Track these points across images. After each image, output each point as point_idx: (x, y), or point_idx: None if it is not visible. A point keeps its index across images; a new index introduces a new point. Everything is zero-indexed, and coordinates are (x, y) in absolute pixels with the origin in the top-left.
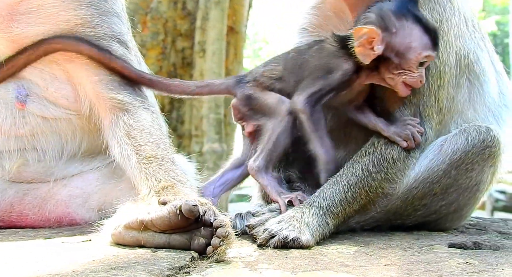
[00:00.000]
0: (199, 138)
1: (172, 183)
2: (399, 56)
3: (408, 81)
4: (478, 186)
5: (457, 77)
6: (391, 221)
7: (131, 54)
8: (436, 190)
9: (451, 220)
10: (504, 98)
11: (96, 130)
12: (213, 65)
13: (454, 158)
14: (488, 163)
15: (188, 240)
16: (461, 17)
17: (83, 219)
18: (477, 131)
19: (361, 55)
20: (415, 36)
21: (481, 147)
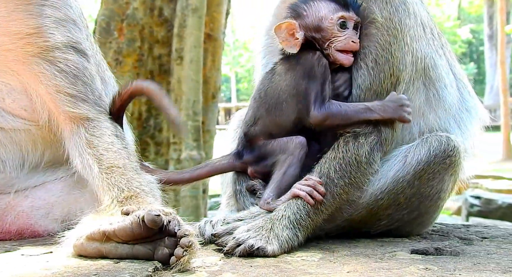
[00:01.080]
0: (177, 145)
1: (136, 192)
2: (318, 30)
3: (339, 47)
4: (439, 194)
5: (413, 78)
6: (356, 229)
7: (89, 62)
8: (400, 200)
9: (412, 227)
10: (465, 103)
11: (59, 140)
12: (191, 72)
13: (418, 168)
14: (448, 172)
15: (151, 250)
16: (417, 21)
17: (46, 231)
18: (438, 141)
19: (288, 47)
20: (321, 6)
21: (442, 157)
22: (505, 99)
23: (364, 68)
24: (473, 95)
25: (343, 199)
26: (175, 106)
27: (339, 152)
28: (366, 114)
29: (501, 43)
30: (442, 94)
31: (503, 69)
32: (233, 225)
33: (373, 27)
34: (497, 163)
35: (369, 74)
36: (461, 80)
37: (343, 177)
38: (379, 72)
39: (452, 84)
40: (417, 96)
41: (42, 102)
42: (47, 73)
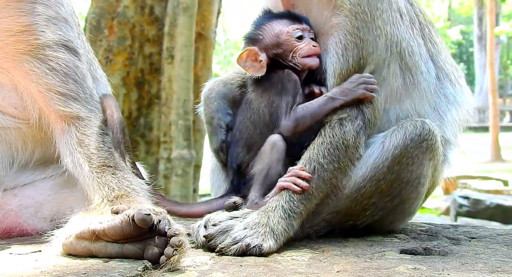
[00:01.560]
0: (168, 144)
1: (126, 192)
2: (279, 46)
3: (304, 53)
4: (419, 179)
5: (388, 61)
6: (342, 223)
7: (81, 61)
8: (382, 187)
9: (395, 215)
10: (444, 90)
11: (49, 139)
12: (182, 71)
13: (396, 153)
14: (427, 156)
15: (141, 249)
16: (391, 7)
17: (35, 229)
18: (413, 125)
19: (255, 72)
20: (274, 24)
21: (418, 141)
22: (494, 100)
23: (335, 56)
24: (457, 85)
25: (333, 184)
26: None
27: (326, 137)
28: (330, 104)
29: (491, 44)
30: (417, 79)
31: (492, 70)
32: (226, 224)
33: (341, 15)
34: (485, 164)
35: (339, 61)
36: (442, 68)
37: (332, 162)
38: (348, 57)
39: (429, 71)
40: (394, 79)
41: (32, 101)
42: (38, 71)
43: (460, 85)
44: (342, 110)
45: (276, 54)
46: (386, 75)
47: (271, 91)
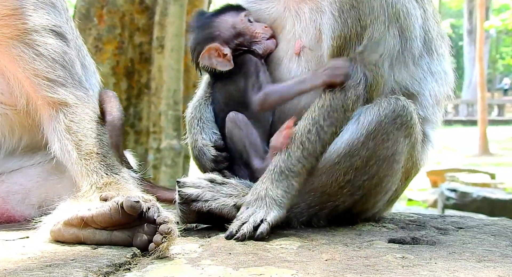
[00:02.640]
0: (157, 134)
1: (115, 179)
2: (239, 36)
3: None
4: (394, 156)
5: (387, 24)
6: (323, 204)
7: (69, 46)
8: (357, 163)
9: (374, 196)
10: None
11: (37, 125)
12: (172, 61)
13: (370, 129)
14: (402, 133)
15: (130, 236)
16: None
17: (22, 216)
18: (387, 102)
19: (224, 68)
20: (225, 18)
21: (392, 117)
22: (482, 94)
23: (331, 18)
24: (441, 57)
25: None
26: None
27: (326, 99)
28: (299, 86)
29: (480, 38)
30: (411, 45)
31: (481, 64)
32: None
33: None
34: (473, 157)
35: (336, 22)
36: (430, 38)
37: (331, 125)
38: (345, 18)
39: (420, 38)
40: (394, 43)
41: (20, 86)
42: (25, 57)
43: (442, 55)
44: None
45: (238, 44)
46: (388, 38)
47: (237, 75)
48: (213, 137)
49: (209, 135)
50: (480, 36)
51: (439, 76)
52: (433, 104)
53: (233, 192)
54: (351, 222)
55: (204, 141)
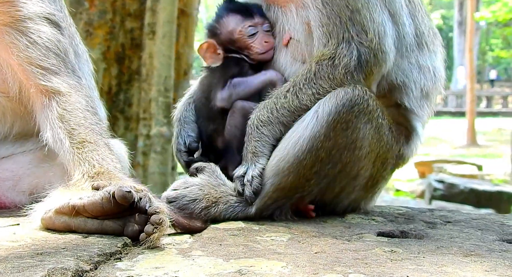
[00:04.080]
0: (147, 121)
1: (107, 168)
2: (233, 43)
3: (260, 51)
4: (355, 143)
5: (379, 5)
6: (290, 197)
7: (63, 34)
8: (322, 155)
9: (339, 181)
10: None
11: (29, 112)
12: (163, 47)
13: (329, 120)
14: (361, 120)
15: (121, 226)
16: None
17: (13, 203)
18: (344, 91)
19: (213, 63)
20: (229, 22)
21: (349, 105)
22: (471, 86)
23: (315, 9)
24: (430, 51)
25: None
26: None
27: (313, 67)
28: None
29: (470, 30)
30: (402, 31)
31: (471, 56)
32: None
33: None
34: (461, 149)
35: (322, 13)
36: (418, 28)
37: (312, 90)
38: (331, 8)
39: (410, 27)
40: (390, 25)
41: (12, 74)
42: (19, 44)
43: (432, 51)
44: (334, 46)
45: (231, 49)
46: (385, 19)
47: (217, 71)
48: (188, 140)
49: (184, 138)
50: (470, 28)
51: (427, 70)
52: (420, 96)
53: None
54: (340, 215)
55: (179, 146)
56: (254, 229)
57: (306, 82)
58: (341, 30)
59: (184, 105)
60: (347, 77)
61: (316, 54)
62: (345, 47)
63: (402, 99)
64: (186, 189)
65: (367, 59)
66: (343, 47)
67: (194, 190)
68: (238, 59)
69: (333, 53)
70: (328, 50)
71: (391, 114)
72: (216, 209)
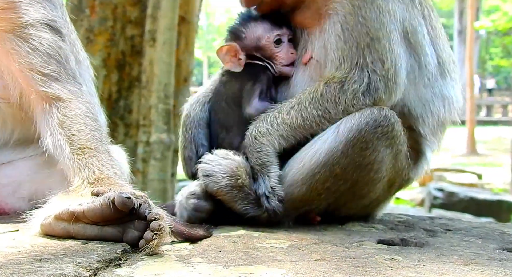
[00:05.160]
0: (147, 128)
1: (107, 175)
2: (258, 49)
3: (285, 63)
4: (372, 165)
5: (399, 40)
6: (297, 209)
7: (64, 41)
8: (337, 171)
9: (345, 197)
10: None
11: (30, 119)
12: (163, 54)
13: (350, 136)
14: (382, 142)
15: (121, 232)
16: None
17: (12, 209)
18: (370, 110)
19: (233, 67)
20: (256, 28)
21: (373, 126)
22: (471, 94)
23: (333, 34)
24: (450, 79)
25: (310, 128)
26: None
27: (320, 88)
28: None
29: (470, 38)
30: (423, 61)
31: (471, 64)
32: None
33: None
34: (461, 157)
35: (340, 38)
36: (440, 56)
37: (318, 111)
38: (350, 34)
39: (432, 56)
40: (406, 58)
41: (13, 80)
42: (20, 51)
43: (453, 79)
44: (346, 71)
45: (255, 55)
46: (402, 51)
47: (246, 77)
48: (201, 150)
49: (198, 146)
50: (470, 37)
51: (449, 101)
52: (436, 125)
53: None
54: (340, 222)
55: (190, 154)
56: (254, 236)
57: (312, 102)
58: (356, 55)
59: (199, 105)
60: (353, 102)
61: (327, 75)
62: (357, 73)
63: (418, 126)
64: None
65: (377, 86)
66: (355, 73)
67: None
68: (264, 68)
69: (344, 77)
70: (340, 73)
71: (406, 138)
72: (238, 194)
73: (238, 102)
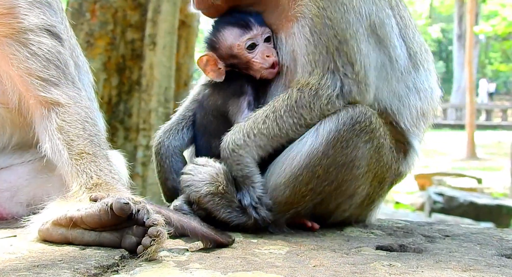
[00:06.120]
0: (147, 131)
1: (105, 180)
2: (233, 57)
3: (260, 66)
4: (353, 161)
5: (366, 35)
6: (285, 212)
7: (63, 46)
8: (319, 172)
9: (335, 198)
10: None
11: (28, 123)
12: (164, 58)
13: (329, 138)
14: (361, 139)
15: (119, 238)
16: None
17: (10, 214)
18: (346, 110)
19: (215, 77)
20: (227, 35)
21: (350, 124)
22: (471, 99)
23: (303, 37)
24: (423, 69)
25: (289, 134)
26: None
27: (294, 94)
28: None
29: (469, 43)
30: (393, 55)
31: (470, 69)
32: None
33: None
34: (461, 161)
35: (309, 42)
36: (410, 47)
37: (293, 119)
38: (319, 37)
39: (401, 48)
40: (375, 55)
41: (12, 85)
42: (19, 55)
43: (426, 70)
44: (319, 76)
45: (232, 64)
46: (370, 49)
47: (229, 90)
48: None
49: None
50: (469, 41)
51: (425, 94)
52: (417, 116)
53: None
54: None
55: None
56: (252, 242)
57: (287, 110)
58: (327, 60)
59: (173, 133)
60: (328, 106)
61: (300, 81)
62: (330, 78)
63: (398, 121)
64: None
65: (351, 89)
66: (328, 78)
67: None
68: (246, 75)
69: (318, 83)
70: (314, 79)
71: (388, 131)
72: (220, 201)
73: (225, 114)
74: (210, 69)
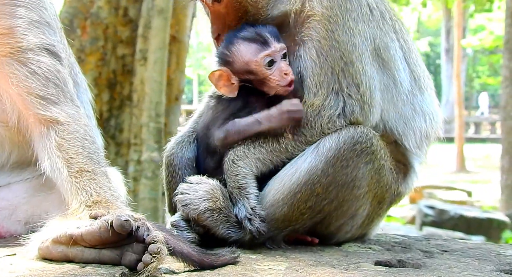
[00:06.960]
0: (138, 146)
1: (105, 197)
2: (250, 73)
3: (277, 83)
4: (354, 182)
5: (370, 58)
6: (282, 229)
7: (62, 65)
8: (318, 190)
9: (336, 219)
10: (413, 96)
11: (27, 142)
12: (155, 73)
13: (329, 156)
14: (362, 159)
15: (119, 255)
16: (361, 3)
17: (9, 232)
18: (347, 129)
19: (227, 93)
20: (243, 51)
21: (351, 143)
22: (459, 112)
23: (309, 59)
24: (426, 93)
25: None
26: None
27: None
28: (255, 126)
29: (457, 56)
30: (397, 78)
31: (458, 82)
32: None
33: (313, 20)
34: (451, 174)
35: (315, 64)
36: (413, 71)
37: (292, 133)
38: (326, 57)
39: (405, 71)
40: (379, 77)
41: (12, 103)
42: (19, 74)
43: (430, 95)
44: (323, 97)
45: (247, 80)
46: (375, 71)
47: (240, 105)
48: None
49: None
50: (457, 55)
51: (430, 117)
52: (421, 138)
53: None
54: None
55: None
56: (252, 258)
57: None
58: (332, 81)
59: (185, 144)
60: (329, 125)
61: (306, 103)
62: (333, 98)
63: (402, 142)
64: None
65: (353, 109)
66: (331, 98)
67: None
68: (259, 91)
69: (322, 104)
70: (318, 100)
71: (389, 151)
72: (219, 216)
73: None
74: (223, 84)
